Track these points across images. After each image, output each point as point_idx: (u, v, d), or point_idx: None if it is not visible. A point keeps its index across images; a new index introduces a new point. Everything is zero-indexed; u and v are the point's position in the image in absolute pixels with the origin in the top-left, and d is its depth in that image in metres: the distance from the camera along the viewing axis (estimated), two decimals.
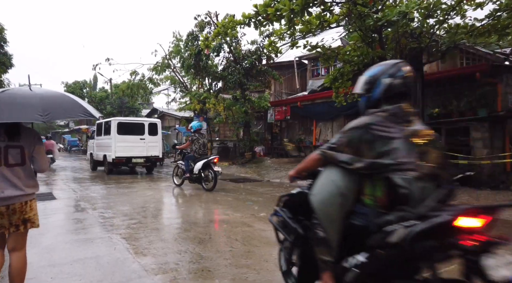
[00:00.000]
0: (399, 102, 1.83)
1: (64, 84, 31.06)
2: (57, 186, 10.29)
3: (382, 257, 1.56)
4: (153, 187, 9.94)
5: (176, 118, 29.02)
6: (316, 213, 1.82)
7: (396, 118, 1.78)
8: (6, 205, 2.54)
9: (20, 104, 2.46)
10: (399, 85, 1.85)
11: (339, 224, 1.77)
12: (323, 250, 1.80)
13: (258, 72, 14.12)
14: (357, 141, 1.77)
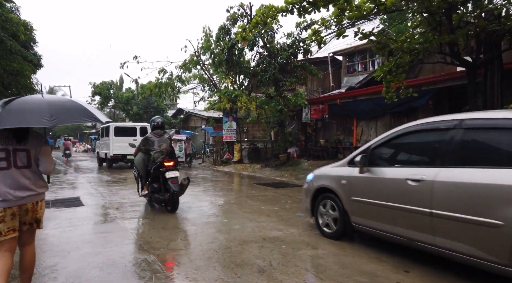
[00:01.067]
0: (157, 129, 6.86)
1: (92, 84, 31.08)
2: (84, 189, 9.66)
3: (153, 174, 6.65)
4: None
5: (203, 119, 28.39)
6: (136, 166, 7.22)
7: (155, 134, 6.78)
8: (19, 205, 2.70)
9: (29, 110, 2.58)
10: (155, 125, 6.92)
11: (142, 169, 6.98)
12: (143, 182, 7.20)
13: (295, 67, 13.08)
14: (145, 142, 6.76)
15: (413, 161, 4.00)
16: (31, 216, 2.81)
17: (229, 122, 17.68)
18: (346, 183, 4.42)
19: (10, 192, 2.67)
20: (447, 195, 3.18)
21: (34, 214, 2.82)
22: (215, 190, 9.55)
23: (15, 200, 2.68)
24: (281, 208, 6.85)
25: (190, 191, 8.96)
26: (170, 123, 32.37)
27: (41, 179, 2.87)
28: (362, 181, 4.19)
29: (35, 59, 21.02)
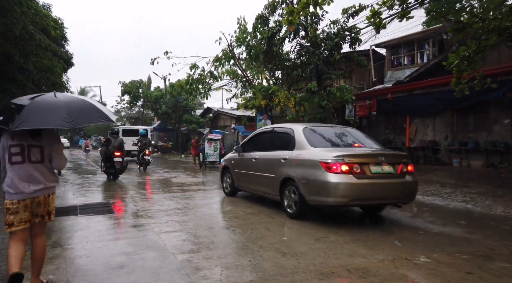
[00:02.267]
0: (114, 134, 12.22)
1: (121, 84, 30.91)
2: (116, 193, 8.86)
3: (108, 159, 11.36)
4: (211, 195, 8.10)
5: (232, 117, 27.52)
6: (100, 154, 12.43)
7: (113, 137, 11.96)
8: (32, 198, 2.89)
9: (49, 111, 2.79)
10: (113, 132, 12.57)
11: (103, 156, 11.52)
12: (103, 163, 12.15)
13: (340, 59, 11.81)
14: (107, 141, 12.05)
15: (255, 149, 7.20)
16: (43, 209, 2.97)
17: (263, 120, 16.57)
18: (233, 162, 7.84)
19: (24, 185, 2.84)
20: (260, 163, 6.77)
21: (46, 206, 2.99)
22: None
23: (28, 193, 2.85)
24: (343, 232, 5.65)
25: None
26: (198, 123, 31.73)
27: (53, 173, 3.05)
28: (239, 160, 7.61)
29: (65, 55, 20.82)
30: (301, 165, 5.64)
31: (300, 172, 5.61)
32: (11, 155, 2.87)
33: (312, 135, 5.99)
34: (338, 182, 5.07)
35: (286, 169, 5.93)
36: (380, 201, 5.61)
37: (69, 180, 11.87)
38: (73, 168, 17.23)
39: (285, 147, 6.11)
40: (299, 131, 6.03)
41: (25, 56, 12.65)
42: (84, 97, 3.35)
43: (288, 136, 6.21)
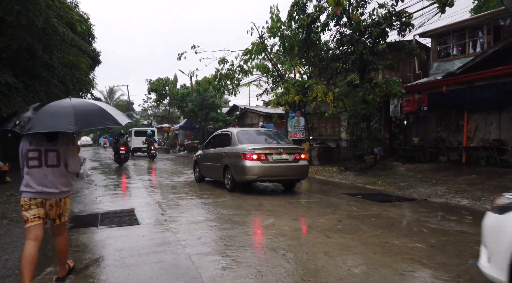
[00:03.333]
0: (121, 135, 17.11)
1: (148, 81, 30.60)
2: (139, 197, 8.03)
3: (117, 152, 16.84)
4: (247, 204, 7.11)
5: (260, 115, 26.50)
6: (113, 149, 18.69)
7: (120, 137, 16.78)
8: (43, 198, 3.02)
9: (57, 115, 2.91)
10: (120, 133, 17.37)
11: (115, 150, 16.95)
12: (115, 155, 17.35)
13: (386, 48, 10.50)
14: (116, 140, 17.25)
15: (211, 146, 9.86)
16: (54, 212, 3.11)
17: (296, 117, 15.46)
18: (199, 157, 10.50)
19: (37, 188, 2.98)
20: (213, 156, 9.43)
21: (58, 210, 3.12)
22: (298, 203, 7.38)
23: (40, 193, 2.99)
24: (425, 243, 4.48)
25: (263, 202, 6.89)
26: (224, 121, 30.94)
27: (67, 178, 3.17)
28: (203, 155, 10.21)
29: (92, 52, 20.47)
30: (232, 156, 8.42)
31: (231, 161, 8.41)
32: (28, 159, 3.00)
33: (242, 136, 8.77)
34: (250, 165, 7.95)
35: (225, 159, 8.71)
36: (280, 178, 8.53)
37: (93, 181, 11.25)
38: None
39: (226, 144, 8.94)
40: (234, 133, 8.91)
41: (49, 52, 12.14)
42: (96, 102, 3.39)
43: (228, 137, 9.05)
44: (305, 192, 9.13)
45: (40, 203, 3.02)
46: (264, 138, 8.97)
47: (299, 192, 8.86)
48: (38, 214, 3.01)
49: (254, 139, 8.68)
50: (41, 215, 3.02)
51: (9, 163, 10.88)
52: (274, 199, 7.73)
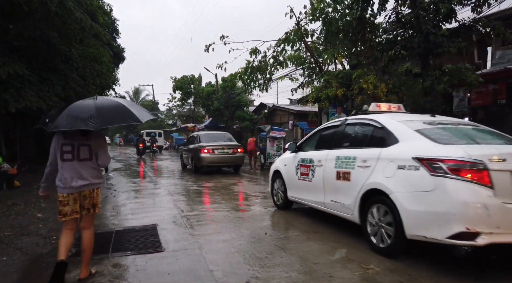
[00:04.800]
0: (139, 136, 29.00)
1: (173, 79, 29.59)
2: (162, 207, 6.64)
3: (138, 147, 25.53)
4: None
5: (290, 113, 24.86)
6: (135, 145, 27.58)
7: (140, 137, 28.40)
8: (79, 192, 3.23)
9: (79, 113, 3.03)
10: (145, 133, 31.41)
11: (137, 146, 26.44)
12: None
13: (456, 30, 8.64)
14: (137, 139, 28.77)
15: (189, 143, 14.39)
16: (89, 202, 3.30)
17: (337, 114, 13.68)
18: (183, 151, 15.44)
19: (73, 181, 3.18)
20: (187, 150, 14.12)
21: (91, 200, 3.32)
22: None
23: (76, 188, 3.20)
24: None
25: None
26: (251, 120, 29.52)
27: (98, 170, 3.37)
28: (184, 150, 15.20)
29: (116, 48, 19.52)
30: (195, 150, 12.66)
31: (194, 153, 12.80)
32: (63, 153, 3.20)
33: (202, 137, 13.20)
34: (202, 156, 12.23)
35: (192, 153, 13.22)
36: (223, 164, 12.87)
37: (113, 186, 10.03)
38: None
39: (195, 143, 13.29)
40: (199, 135, 13.71)
41: (67, 43, 11.04)
42: (118, 99, 3.57)
43: (194, 137, 13.88)
44: None
45: (78, 197, 3.23)
46: (216, 139, 13.25)
47: None
48: (75, 209, 3.25)
49: (209, 140, 12.97)
50: (77, 209, 3.26)
51: (21, 162, 9.83)
52: None
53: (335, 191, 4.68)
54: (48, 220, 5.74)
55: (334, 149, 4.90)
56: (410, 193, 3.52)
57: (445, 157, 3.33)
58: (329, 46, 13.10)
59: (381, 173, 3.89)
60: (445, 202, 3.22)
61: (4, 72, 8.11)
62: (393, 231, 3.67)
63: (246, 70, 13.92)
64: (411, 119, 4.37)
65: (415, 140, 3.77)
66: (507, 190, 3.12)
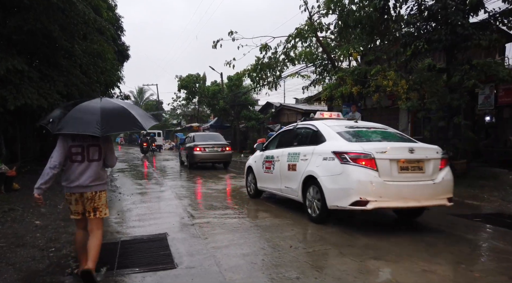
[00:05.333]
0: (144, 136, 27.62)
1: (178, 78, 29.08)
2: (171, 212, 6.07)
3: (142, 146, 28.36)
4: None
5: (298, 112, 24.22)
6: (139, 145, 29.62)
7: (144, 137, 28.28)
8: (80, 193, 3.19)
9: (84, 118, 3.04)
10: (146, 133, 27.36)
11: (141, 146, 27.80)
12: None
13: (489, 20, 8.03)
14: (141, 138, 29.05)
15: (186, 143, 16.84)
16: (90, 204, 3.22)
17: (351, 113, 13.10)
18: (181, 149, 17.62)
19: (76, 181, 3.16)
20: (185, 148, 16.38)
21: (93, 203, 3.23)
22: (392, 229, 5.19)
23: (77, 187, 3.16)
24: None
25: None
26: (257, 119, 28.94)
27: (104, 172, 3.36)
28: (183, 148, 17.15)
29: (120, 46, 19.03)
30: (189, 148, 14.69)
31: (189, 151, 14.74)
32: (72, 155, 3.16)
33: (196, 137, 15.30)
34: (195, 153, 14.10)
35: (187, 150, 15.07)
36: (213, 160, 14.81)
37: (118, 188, 9.51)
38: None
39: (189, 142, 15.48)
40: (192, 136, 15.91)
41: (70, 38, 10.52)
42: (124, 104, 3.41)
43: (190, 138, 15.92)
44: None
45: (79, 198, 3.21)
46: (207, 139, 15.25)
47: None
48: (78, 210, 3.25)
49: (202, 140, 14.95)
50: (79, 210, 3.26)
51: (21, 163, 9.32)
52: None
53: (287, 179, 6.14)
54: (47, 228, 5.21)
55: (287, 147, 6.39)
56: (329, 176, 5.02)
57: (348, 150, 4.84)
58: (343, 42, 12.50)
59: (314, 163, 5.37)
60: (348, 181, 4.71)
61: (2, 68, 7.59)
62: (320, 204, 5.16)
63: (256, 67, 13.38)
64: (337, 124, 5.73)
65: (335, 140, 5.25)
66: (386, 172, 4.63)
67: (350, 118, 7.42)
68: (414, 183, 4.71)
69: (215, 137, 15.99)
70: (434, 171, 4.81)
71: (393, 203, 4.63)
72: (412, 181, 4.71)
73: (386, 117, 15.40)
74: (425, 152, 4.90)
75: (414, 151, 4.77)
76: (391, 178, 4.62)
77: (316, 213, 5.25)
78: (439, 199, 4.79)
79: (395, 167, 4.67)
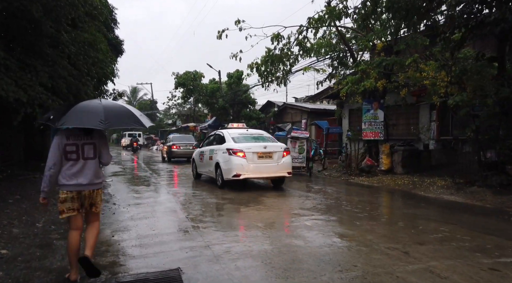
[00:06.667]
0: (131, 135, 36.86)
1: (175, 75, 27.65)
2: (179, 232, 4.71)
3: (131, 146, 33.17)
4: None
5: (304, 111, 22.93)
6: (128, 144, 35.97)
7: (133, 137, 35.10)
8: (78, 191, 3.26)
9: (88, 113, 3.19)
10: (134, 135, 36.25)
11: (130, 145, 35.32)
12: None
13: None
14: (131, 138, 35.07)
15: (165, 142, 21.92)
16: (87, 201, 3.34)
17: (372, 111, 11.88)
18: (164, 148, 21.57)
19: (74, 180, 3.23)
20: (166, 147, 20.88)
21: (90, 200, 3.35)
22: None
23: (75, 185, 3.23)
24: None
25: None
26: (258, 118, 27.62)
27: (100, 169, 3.43)
28: None
29: (114, 40, 17.58)
30: (168, 146, 19.79)
31: (168, 149, 19.61)
32: (67, 153, 3.23)
33: (172, 138, 20.70)
34: (173, 150, 19.06)
35: (167, 148, 20.09)
36: (186, 156, 18.34)
37: (112, 196, 8.09)
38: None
39: (167, 142, 20.85)
40: (171, 137, 21.30)
41: (56, 22, 9.09)
42: (124, 104, 3.74)
43: (168, 138, 21.81)
44: (437, 232, 5.57)
45: (76, 195, 3.25)
46: (182, 139, 20.50)
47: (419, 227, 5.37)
48: (73, 207, 3.27)
49: (178, 140, 19.95)
50: (75, 207, 3.28)
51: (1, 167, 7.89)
52: None
53: (209, 165, 9.79)
54: (15, 262, 3.82)
55: (210, 146, 10.19)
56: (224, 162, 8.82)
57: (232, 148, 8.72)
58: (364, 31, 11.22)
59: (219, 155, 9.14)
60: (231, 164, 8.55)
61: None
62: (221, 177, 8.95)
63: (266, 59, 12.03)
64: (234, 132, 9.71)
65: (229, 141, 9.10)
66: (250, 159, 8.54)
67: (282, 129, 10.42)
68: (266, 165, 8.74)
69: (188, 138, 21.31)
70: (279, 158, 8.85)
71: (254, 175, 8.74)
72: (265, 163, 8.73)
73: (404, 116, 14.16)
74: (273, 148, 8.95)
75: (266, 147, 8.88)
76: (253, 162, 8.58)
77: (220, 183, 9.11)
78: (281, 172, 8.89)
79: (256, 156, 8.66)
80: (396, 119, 14.47)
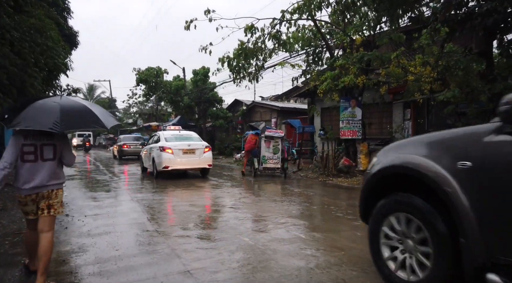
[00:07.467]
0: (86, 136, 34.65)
1: (136, 71, 26.00)
2: (155, 255, 3.79)
3: None
4: None
5: (273, 110, 22.37)
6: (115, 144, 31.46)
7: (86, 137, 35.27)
8: (36, 193, 3.10)
9: (42, 114, 2.99)
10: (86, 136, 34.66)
11: (83, 145, 34.75)
12: None
13: None
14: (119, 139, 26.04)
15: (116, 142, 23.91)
16: (45, 202, 3.13)
17: (350, 109, 11.44)
18: None
19: (31, 182, 3.05)
20: None
21: (48, 200, 3.15)
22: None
23: (33, 188, 3.06)
24: None
25: None
26: (226, 118, 26.70)
27: (60, 170, 3.29)
28: None
29: (67, 30, 15.92)
30: (119, 145, 22.61)
31: (119, 148, 22.20)
32: (23, 154, 3.04)
33: (122, 138, 23.48)
34: (123, 149, 21.66)
35: (118, 147, 22.50)
36: (134, 155, 21.00)
37: (66, 205, 6.89)
38: None
39: (118, 142, 23.66)
40: (121, 137, 24.09)
41: None
42: (86, 103, 3.36)
43: (119, 138, 24.65)
44: None
45: (35, 198, 3.12)
46: (131, 139, 22.77)
47: None
48: (33, 210, 3.15)
49: (127, 140, 22.52)
50: (35, 210, 3.15)
51: None
52: None
53: (149, 160, 12.14)
54: None
55: (151, 144, 12.34)
56: (157, 157, 11.27)
57: (163, 146, 11.16)
58: (341, 25, 10.75)
59: (154, 152, 11.54)
60: (162, 158, 10.97)
61: None
62: (156, 169, 11.42)
63: (240, 52, 11.21)
64: (169, 133, 12.38)
65: (162, 141, 11.50)
66: (177, 154, 11.01)
67: None
68: (189, 159, 11.14)
69: (136, 138, 23.26)
70: (200, 153, 11.30)
71: (180, 166, 11.11)
72: (189, 158, 11.12)
73: (378, 115, 13.94)
74: (196, 145, 11.33)
75: (190, 145, 11.25)
76: (179, 157, 10.95)
77: (155, 173, 11.42)
78: (203, 165, 11.36)
79: (181, 152, 11.05)
80: (370, 118, 14.22)
